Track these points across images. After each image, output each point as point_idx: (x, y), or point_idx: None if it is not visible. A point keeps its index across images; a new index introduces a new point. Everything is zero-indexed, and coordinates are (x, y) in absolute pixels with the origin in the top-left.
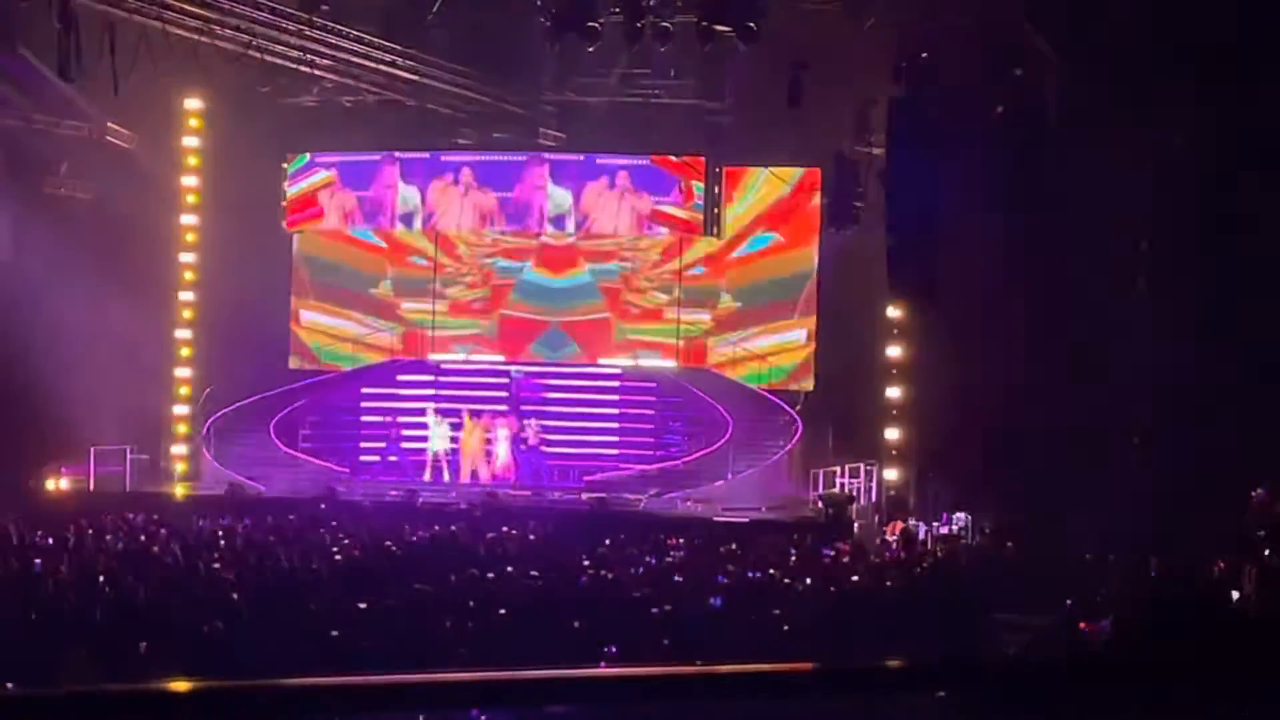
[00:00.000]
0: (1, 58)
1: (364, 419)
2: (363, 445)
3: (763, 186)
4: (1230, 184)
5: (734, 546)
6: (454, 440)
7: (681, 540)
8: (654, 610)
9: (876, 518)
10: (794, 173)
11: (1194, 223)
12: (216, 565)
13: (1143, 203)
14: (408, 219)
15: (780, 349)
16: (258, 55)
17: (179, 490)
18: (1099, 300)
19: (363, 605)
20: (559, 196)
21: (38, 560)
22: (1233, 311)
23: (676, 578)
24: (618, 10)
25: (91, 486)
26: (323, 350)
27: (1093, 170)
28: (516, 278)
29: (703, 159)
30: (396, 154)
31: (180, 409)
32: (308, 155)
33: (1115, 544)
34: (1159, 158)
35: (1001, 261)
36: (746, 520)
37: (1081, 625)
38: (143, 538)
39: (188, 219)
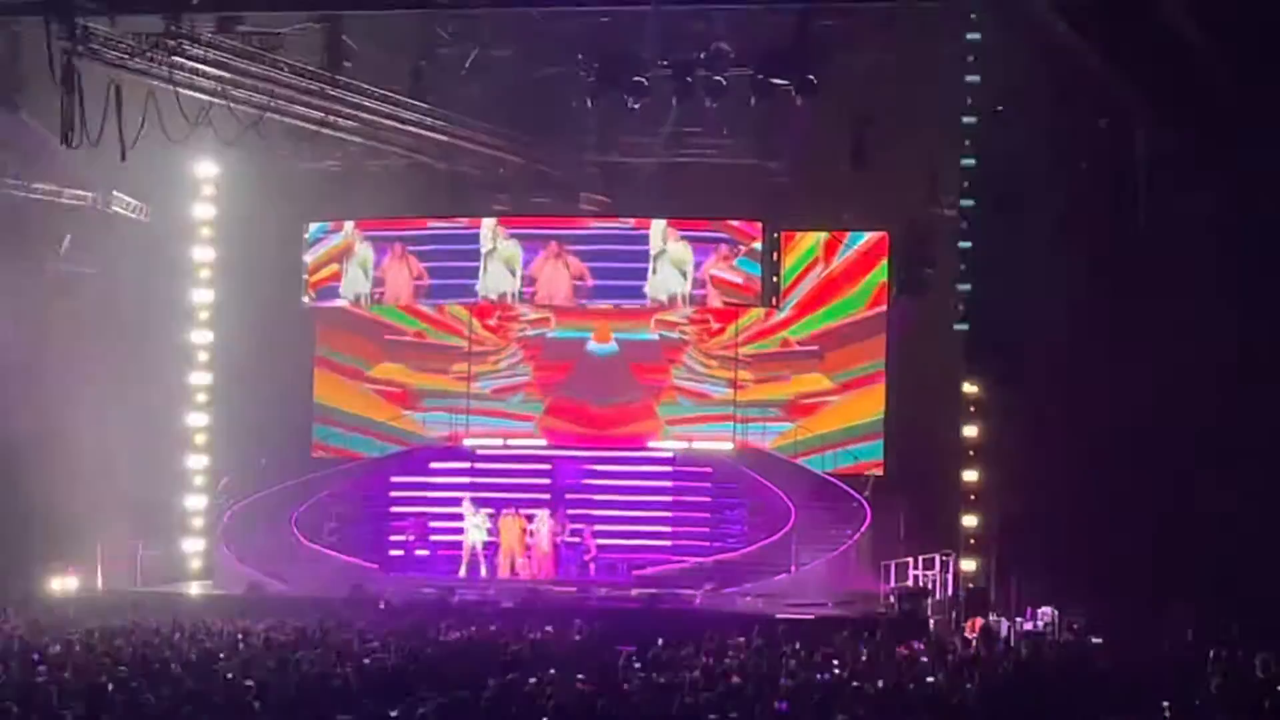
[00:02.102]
0: None
1: (394, 510)
2: (392, 539)
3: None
4: None
5: (799, 646)
6: (492, 533)
7: (741, 640)
8: (712, 717)
9: (954, 613)
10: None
11: None
12: (234, 671)
13: (1245, 265)
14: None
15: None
16: (276, 117)
17: (194, 589)
18: (1200, 373)
19: (394, 713)
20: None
21: (41, 667)
22: None
23: (736, 680)
24: (666, 64)
25: (100, 585)
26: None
27: (1187, 231)
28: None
29: (760, 224)
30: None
31: (194, 500)
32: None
33: (1216, 639)
34: (1258, 217)
35: (1088, 333)
36: (812, 617)
37: None
38: (155, 641)
39: (201, 295)
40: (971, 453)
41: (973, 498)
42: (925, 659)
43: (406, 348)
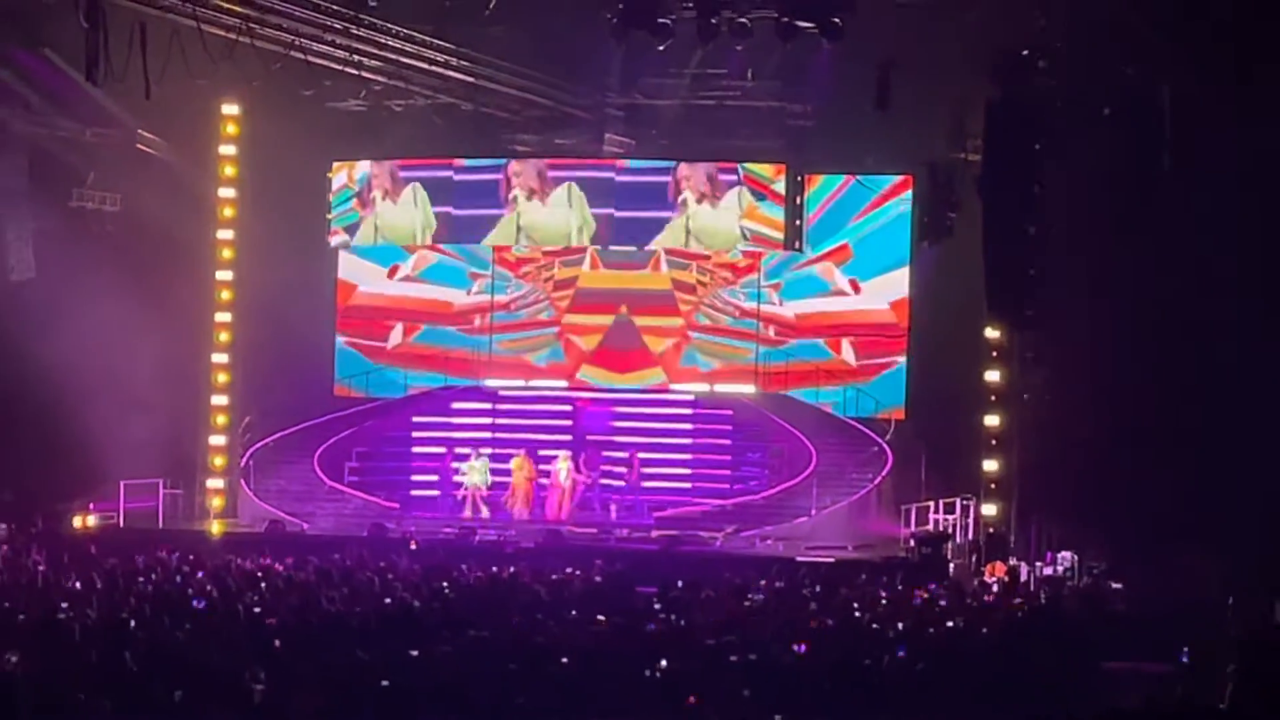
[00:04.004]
0: (24, 59)
1: (415, 450)
2: (414, 479)
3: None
4: None
5: (818, 589)
6: (494, 475)
7: (762, 582)
8: (732, 658)
9: (974, 557)
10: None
11: None
12: (257, 609)
13: (1270, 212)
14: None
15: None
16: (300, 56)
17: (215, 527)
18: (1221, 322)
19: (414, 653)
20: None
21: (64, 604)
22: None
23: (756, 623)
24: (690, 5)
25: (121, 523)
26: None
27: (1213, 178)
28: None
29: (784, 166)
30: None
31: (217, 439)
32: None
33: (1235, 585)
34: None
35: (1112, 278)
36: (832, 560)
37: (1200, 674)
38: (177, 579)
39: (224, 233)
40: (993, 397)
41: (994, 442)
42: (944, 603)
43: (428, 285)
